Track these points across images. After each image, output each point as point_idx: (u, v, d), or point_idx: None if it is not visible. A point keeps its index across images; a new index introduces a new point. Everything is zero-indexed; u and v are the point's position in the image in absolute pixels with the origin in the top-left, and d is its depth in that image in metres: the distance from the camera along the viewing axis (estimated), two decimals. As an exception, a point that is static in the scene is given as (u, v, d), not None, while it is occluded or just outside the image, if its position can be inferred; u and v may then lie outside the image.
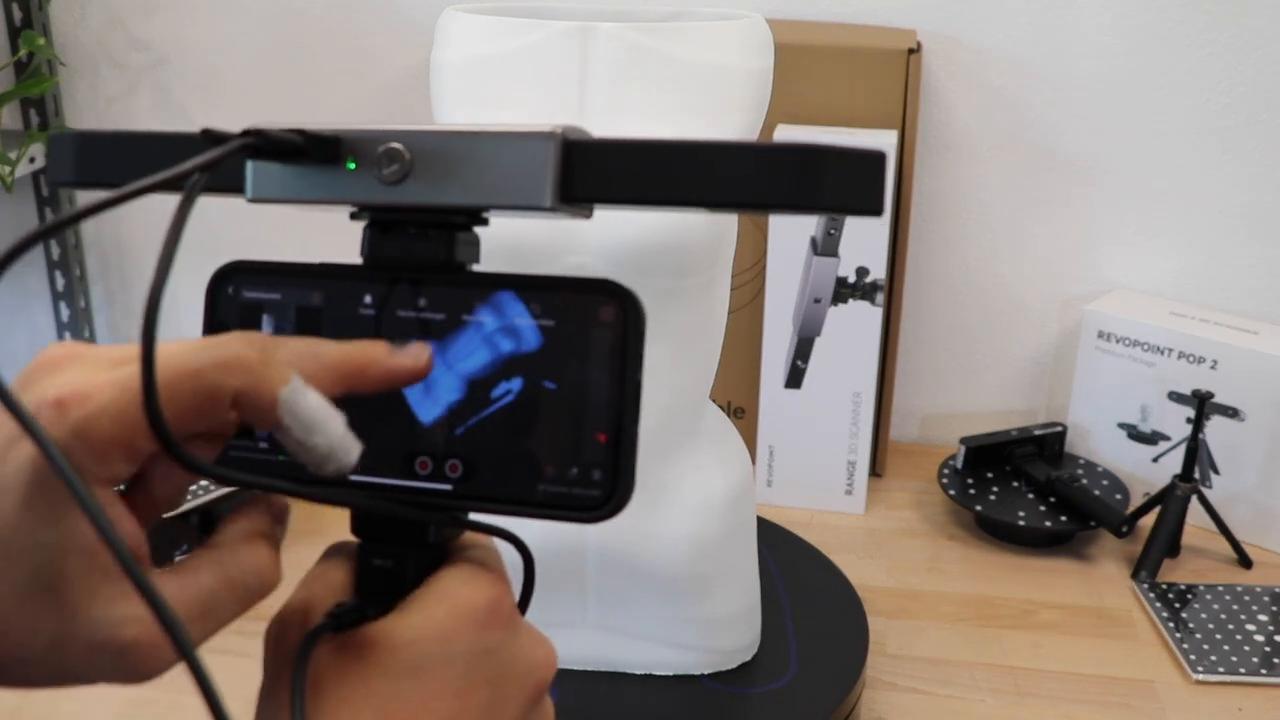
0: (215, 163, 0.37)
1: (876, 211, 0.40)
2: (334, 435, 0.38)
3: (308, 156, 0.42)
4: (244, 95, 1.32)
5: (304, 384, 0.37)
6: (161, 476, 0.39)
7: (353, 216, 0.44)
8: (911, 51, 1.08)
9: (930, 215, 1.24)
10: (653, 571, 0.78)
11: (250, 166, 0.44)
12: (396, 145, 0.42)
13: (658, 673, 0.82)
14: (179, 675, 0.37)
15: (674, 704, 0.80)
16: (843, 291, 1.08)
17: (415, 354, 0.40)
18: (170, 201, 0.35)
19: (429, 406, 0.41)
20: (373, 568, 0.41)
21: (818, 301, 1.08)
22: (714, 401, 0.84)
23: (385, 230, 0.43)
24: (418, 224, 0.43)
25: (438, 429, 0.41)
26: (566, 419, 0.40)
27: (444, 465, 0.41)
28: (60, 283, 1.37)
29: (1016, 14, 1.16)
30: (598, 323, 0.40)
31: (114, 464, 0.35)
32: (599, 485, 0.40)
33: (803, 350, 1.11)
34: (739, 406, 1.21)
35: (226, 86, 1.32)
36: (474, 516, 0.43)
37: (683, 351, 0.76)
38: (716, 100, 0.72)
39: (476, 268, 0.44)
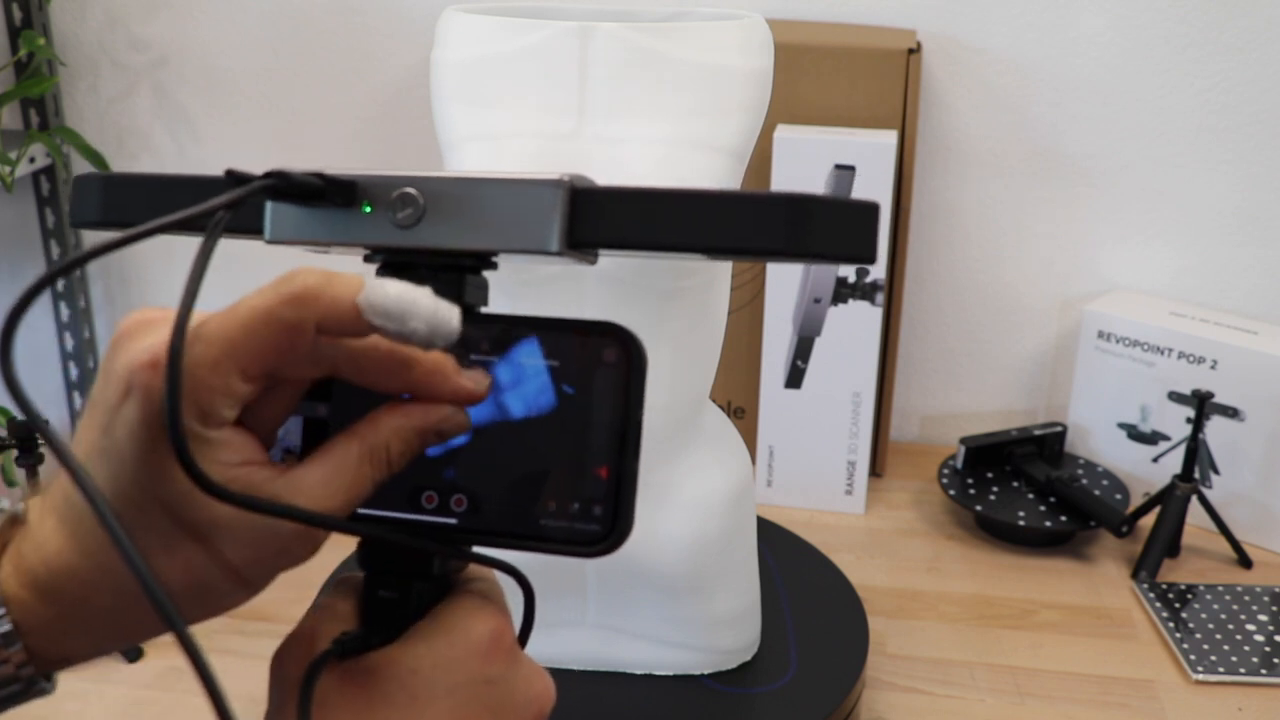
0: (238, 202, 0.38)
1: (869, 260, 0.42)
2: (426, 313, 0.38)
3: (325, 199, 0.43)
4: (244, 96, 1.32)
5: (377, 279, 0.38)
6: (288, 372, 0.39)
7: (366, 259, 0.45)
8: (911, 51, 1.08)
9: (930, 215, 1.24)
10: (653, 571, 0.79)
11: (269, 208, 0.45)
12: (411, 190, 0.43)
13: (658, 673, 0.82)
14: (180, 674, 0.37)
15: (674, 704, 0.80)
16: (843, 291, 1.08)
17: (477, 379, 0.41)
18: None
19: None
20: (378, 599, 0.42)
21: (818, 301, 1.08)
22: (714, 401, 0.84)
23: (397, 272, 0.44)
24: (429, 266, 0.44)
25: (444, 464, 0.42)
26: (569, 455, 0.41)
27: (449, 500, 0.42)
28: (60, 283, 1.37)
29: (1016, 14, 1.16)
30: (601, 363, 0.41)
31: (233, 383, 0.36)
32: (599, 520, 0.41)
33: (803, 350, 1.11)
34: (739, 406, 1.21)
35: (227, 87, 1.32)
36: (477, 549, 0.44)
37: (683, 352, 0.76)
38: (716, 100, 0.72)
39: (484, 310, 0.45)
